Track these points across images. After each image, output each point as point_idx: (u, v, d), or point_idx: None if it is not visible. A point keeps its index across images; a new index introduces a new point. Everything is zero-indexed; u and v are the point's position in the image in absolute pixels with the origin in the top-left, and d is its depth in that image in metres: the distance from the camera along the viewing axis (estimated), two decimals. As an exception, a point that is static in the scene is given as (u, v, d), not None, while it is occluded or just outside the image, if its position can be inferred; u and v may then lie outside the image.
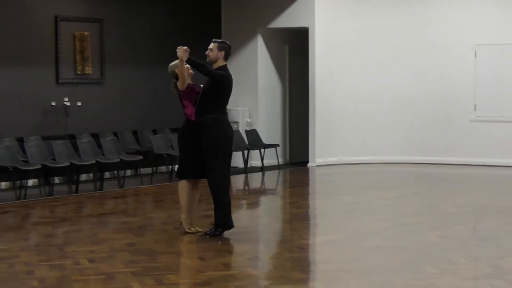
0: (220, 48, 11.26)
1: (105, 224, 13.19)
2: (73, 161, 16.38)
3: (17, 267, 9.74)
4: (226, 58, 11.35)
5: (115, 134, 18.18)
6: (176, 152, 18.16)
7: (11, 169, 15.41)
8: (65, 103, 17.53)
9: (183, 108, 11.54)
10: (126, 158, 17.33)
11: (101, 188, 16.65)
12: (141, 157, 17.71)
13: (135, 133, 18.91)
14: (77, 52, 18.02)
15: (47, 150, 16.41)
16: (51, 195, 15.86)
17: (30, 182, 16.43)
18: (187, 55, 11.08)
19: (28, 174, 16.07)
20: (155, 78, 19.38)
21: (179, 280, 8.99)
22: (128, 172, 18.11)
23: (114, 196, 16.00)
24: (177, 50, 11.17)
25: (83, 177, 17.25)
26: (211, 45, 11.31)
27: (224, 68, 11.28)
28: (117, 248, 10.82)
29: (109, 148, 17.25)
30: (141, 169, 17.99)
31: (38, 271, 9.53)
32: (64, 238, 11.95)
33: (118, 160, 17.03)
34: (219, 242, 11.08)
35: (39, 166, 15.84)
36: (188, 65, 11.32)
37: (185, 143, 11.48)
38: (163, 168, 18.77)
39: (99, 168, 16.99)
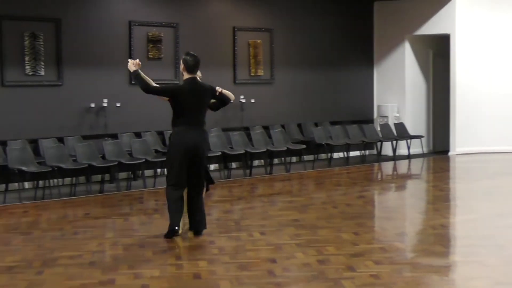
0: (182, 61, 9.90)
1: (274, 202, 13.31)
2: (248, 149, 16.60)
3: (201, 238, 9.92)
4: (188, 70, 9.86)
5: (282, 126, 18.34)
6: (334, 142, 18.27)
7: (196, 155, 15.72)
8: (241, 100, 17.77)
9: None
10: (292, 146, 17.45)
11: (270, 172, 16.81)
12: (304, 146, 17.81)
13: (299, 125, 19.01)
14: (251, 57, 18.24)
15: (226, 139, 16.69)
16: (229, 178, 16.10)
17: (212, 166, 16.73)
18: (133, 68, 9.88)
19: (209, 160, 16.35)
20: (316, 79, 19.49)
21: (336, 251, 8.98)
22: (294, 159, 18.21)
23: (282, 179, 16.11)
24: (129, 61, 10.06)
25: (256, 163, 17.45)
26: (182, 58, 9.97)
27: (186, 81, 9.90)
28: (284, 223, 10.91)
29: (277, 138, 17.40)
30: (304, 156, 18.09)
31: (218, 241, 9.71)
32: (240, 214, 12.11)
33: (285, 148, 17.17)
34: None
35: (219, 153, 16.12)
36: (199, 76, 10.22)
37: None
38: (323, 156, 18.82)
39: (269, 155, 17.17)
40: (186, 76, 9.91)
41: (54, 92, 15.18)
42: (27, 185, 14.35)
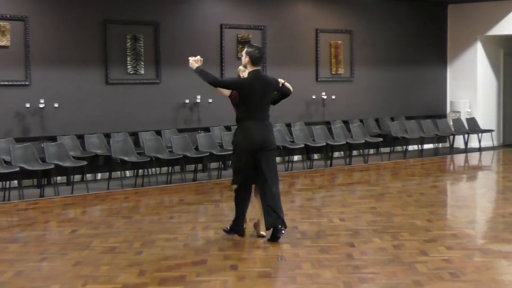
0: (246, 53, 8.95)
1: (353, 191, 13.25)
2: (328, 142, 16.56)
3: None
4: (253, 63, 8.93)
5: (361, 120, 18.25)
6: (410, 135, 18.08)
7: (281, 147, 15.77)
8: (322, 96, 17.73)
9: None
10: (370, 139, 17.34)
11: (349, 163, 16.74)
12: (381, 139, 17.71)
13: (376, 120, 18.88)
14: (332, 57, 18.18)
15: (308, 133, 16.68)
16: (311, 168, 16.09)
17: (295, 158, 16.75)
18: (196, 65, 9.14)
19: (293, 151, 16.40)
20: (393, 76, 19.32)
21: (410, 237, 8.90)
22: (371, 151, 18.07)
23: (360, 170, 16.02)
24: (189, 59, 9.28)
25: (336, 154, 17.40)
26: (243, 51, 9.08)
27: (252, 73, 8.95)
28: (362, 210, 10.86)
29: (356, 132, 17.31)
30: (381, 149, 17.97)
31: (301, 226, 9.72)
32: (321, 201, 12.10)
33: (363, 141, 17.07)
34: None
35: (302, 145, 16.13)
36: (241, 69, 9.30)
37: None
38: (398, 148, 18.66)
39: (348, 147, 17.09)
40: (250, 68, 8.98)
41: (153, 89, 15.38)
42: (128, 173, 14.58)
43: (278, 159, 16.49)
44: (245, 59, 8.98)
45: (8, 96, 13.54)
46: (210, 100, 15.78)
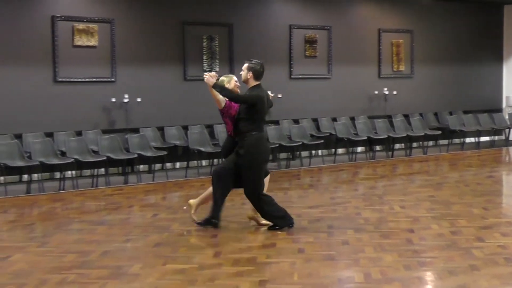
0: (249, 69, 8.61)
1: (413, 180, 13.12)
2: (390, 134, 16.41)
3: (349, 210, 9.92)
4: (256, 77, 8.63)
5: (420, 114, 18.04)
6: (467, 128, 17.80)
7: (345, 139, 15.70)
8: (384, 92, 17.59)
9: (224, 124, 9.02)
10: (429, 132, 17.13)
11: (410, 154, 16.56)
12: (440, 132, 17.50)
13: (435, 114, 18.63)
14: (393, 55, 18.01)
15: (371, 126, 16.56)
16: (373, 159, 15.97)
17: (359, 149, 16.64)
18: (213, 80, 8.56)
19: (357, 143, 16.30)
20: (451, 73, 19.08)
21: (467, 224, 8.77)
22: (430, 143, 17.88)
23: (419, 160, 15.85)
24: (204, 76, 8.67)
25: (397, 146, 17.23)
26: (244, 66, 8.71)
27: (255, 88, 8.65)
28: (421, 199, 10.74)
29: (416, 125, 17.12)
30: (440, 141, 17.77)
31: (364, 212, 9.66)
32: (382, 190, 12.00)
33: (423, 134, 16.88)
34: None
35: (365, 138, 16.02)
36: (224, 80, 8.84)
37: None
38: (456, 141, 18.37)
39: (408, 139, 16.90)
40: (253, 83, 8.64)
41: (227, 85, 15.44)
42: (204, 162, 14.68)
43: (342, 150, 16.54)
44: (246, 74, 8.64)
45: (96, 92, 13.77)
46: (280, 96, 15.78)
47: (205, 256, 7.34)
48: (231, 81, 8.81)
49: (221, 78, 8.86)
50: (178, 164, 14.71)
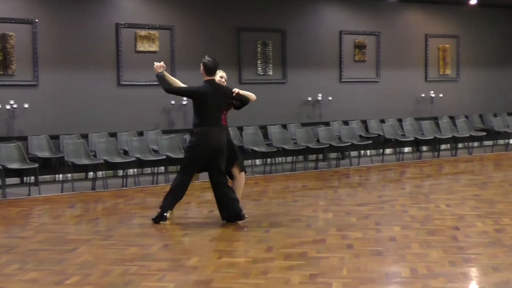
0: (202, 65, 8.73)
1: (458, 180, 12.94)
2: (436, 135, 16.21)
3: (396, 208, 9.84)
4: (207, 73, 8.69)
5: (466, 116, 17.77)
6: (510, 130, 17.49)
7: (393, 140, 15.57)
8: (431, 94, 17.42)
9: None
10: (474, 133, 16.86)
11: (455, 155, 16.34)
12: (485, 133, 17.21)
13: (480, 115, 18.35)
14: (440, 59, 17.80)
15: (418, 127, 16.39)
16: (420, 159, 15.80)
17: (406, 149, 16.50)
18: (159, 70, 8.76)
19: (404, 144, 16.16)
20: (496, 76, 18.76)
21: (511, 222, 8.62)
22: (475, 144, 17.64)
23: (465, 161, 15.63)
24: (155, 64, 8.87)
25: (443, 146, 16.99)
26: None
27: (205, 82, 8.71)
28: (466, 197, 10.59)
29: (461, 126, 16.87)
30: (484, 142, 17.50)
31: (410, 210, 9.56)
32: (428, 188, 11.86)
33: (468, 135, 16.62)
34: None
35: (412, 139, 15.86)
36: (223, 76, 9.05)
37: None
38: (501, 142, 18.03)
39: (454, 140, 16.66)
40: (205, 78, 8.71)
41: (280, 88, 15.46)
42: (258, 162, 14.70)
43: (389, 150, 16.40)
44: (201, 69, 8.72)
45: (157, 94, 13.85)
46: (330, 98, 15.76)
47: (258, 250, 7.34)
48: (215, 76, 8.90)
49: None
50: (233, 163, 14.74)
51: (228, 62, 14.78)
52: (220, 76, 9.03)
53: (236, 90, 8.90)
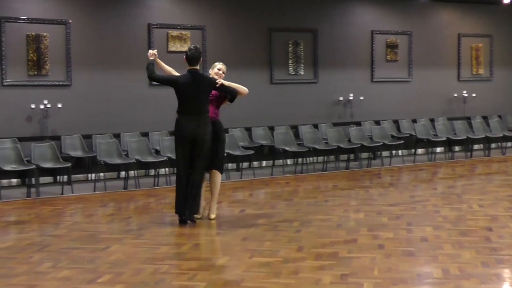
0: (185, 54, 8.82)
1: (491, 180, 12.79)
2: (469, 135, 16.07)
3: (428, 208, 9.75)
4: (188, 62, 8.73)
5: (499, 116, 17.57)
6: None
7: (425, 140, 15.46)
8: (463, 94, 17.28)
9: None
10: (507, 133, 16.68)
11: (488, 155, 16.18)
12: (518, 133, 17.07)
13: (513, 115, 18.23)
14: (473, 59, 17.64)
15: (450, 127, 16.27)
16: (452, 159, 15.67)
17: (438, 149, 16.37)
18: (151, 58, 8.83)
19: (436, 144, 16.03)
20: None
21: (545, 223, 8.54)
22: (509, 144, 17.44)
23: (498, 161, 15.46)
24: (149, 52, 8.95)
25: (475, 147, 16.82)
26: None
27: (187, 72, 8.75)
28: (500, 198, 10.46)
29: (495, 126, 16.70)
30: (519, 142, 17.37)
31: (442, 211, 9.48)
32: (461, 189, 11.74)
33: (502, 135, 16.45)
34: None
35: (444, 139, 15.74)
36: (221, 69, 9.06)
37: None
38: (535, 141, 17.90)
39: (487, 140, 16.50)
40: (187, 67, 8.75)
41: (311, 88, 15.43)
42: (289, 161, 14.68)
43: (421, 150, 16.28)
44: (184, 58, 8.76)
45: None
46: (362, 98, 15.70)
47: (289, 250, 7.33)
48: (213, 69, 9.05)
49: (215, 64, 9.15)
50: (264, 163, 14.75)
51: (259, 62, 14.81)
52: (218, 68, 9.07)
53: (220, 81, 8.81)
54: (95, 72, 13.19)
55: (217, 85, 8.78)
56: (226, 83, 8.88)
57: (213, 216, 9.05)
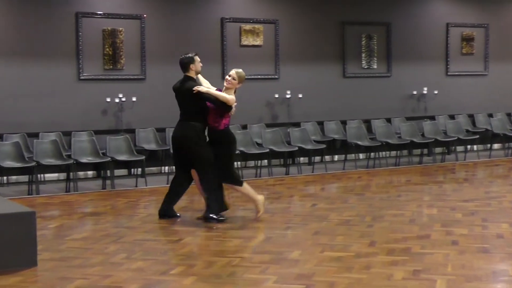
0: None
1: None
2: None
3: (504, 204, 9.54)
4: (181, 69, 8.85)
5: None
6: None
7: (501, 135, 15.12)
8: None
9: None
10: None
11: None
12: None
13: None
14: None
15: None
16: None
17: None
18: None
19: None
20: None
21: None
22: None
23: None
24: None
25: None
26: None
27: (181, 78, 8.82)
28: None
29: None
30: None
31: (519, 208, 9.29)
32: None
33: None
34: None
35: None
36: (231, 75, 8.84)
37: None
38: None
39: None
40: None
41: (384, 82, 15.27)
42: (361, 156, 14.57)
43: (497, 145, 15.91)
44: None
45: (261, 88, 13.97)
46: (436, 92, 15.47)
47: (361, 245, 7.28)
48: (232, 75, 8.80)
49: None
50: (336, 157, 14.68)
51: (332, 56, 14.75)
52: (229, 74, 8.86)
53: (196, 88, 8.55)
54: (169, 66, 13.31)
55: (193, 92, 8.52)
56: (204, 90, 8.58)
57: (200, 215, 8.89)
